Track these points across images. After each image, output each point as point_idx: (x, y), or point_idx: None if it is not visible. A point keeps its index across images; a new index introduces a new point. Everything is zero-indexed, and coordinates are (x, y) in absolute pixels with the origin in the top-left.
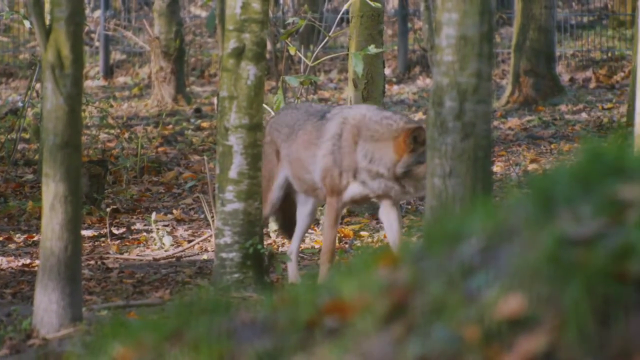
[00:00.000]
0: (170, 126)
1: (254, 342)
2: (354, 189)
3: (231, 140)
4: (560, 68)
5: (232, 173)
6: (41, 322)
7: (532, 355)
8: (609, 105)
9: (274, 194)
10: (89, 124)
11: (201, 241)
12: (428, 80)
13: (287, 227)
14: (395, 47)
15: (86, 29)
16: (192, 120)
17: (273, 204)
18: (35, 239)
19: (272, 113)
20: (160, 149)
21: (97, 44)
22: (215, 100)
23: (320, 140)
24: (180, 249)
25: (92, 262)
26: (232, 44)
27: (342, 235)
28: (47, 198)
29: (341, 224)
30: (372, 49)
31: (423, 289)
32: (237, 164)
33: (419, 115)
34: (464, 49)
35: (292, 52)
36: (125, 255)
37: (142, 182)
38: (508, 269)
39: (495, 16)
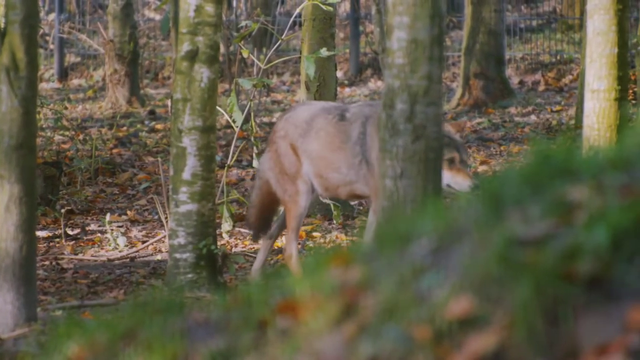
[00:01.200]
0: (125, 128)
1: (207, 342)
2: None
3: (185, 142)
4: (509, 71)
5: (186, 174)
6: None
7: (481, 355)
8: (558, 107)
9: (302, 187)
10: (43, 126)
11: (155, 242)
12: (379, 83)
13: (265, 221)
14: (347, 50)
15: (41, 31)
16: (146, 122)
17: (307, 197)
18: None
19: (226, 115)
20: (114, 151)
21: (51, 46)
22: (169, 102)
23: (347, 145)
24: (134, 249)
25: (47, 262)
26: (185, 47)
27: None
28: (2, 199)
29: None
30: (324, 52)
31: (374, 289)
32: (191, 166)
33: None
34: (415, 52)
35: (245, 54)
36: (80, 256)
37: (96, 183)
38: (458, 270)
39: (445, 20)
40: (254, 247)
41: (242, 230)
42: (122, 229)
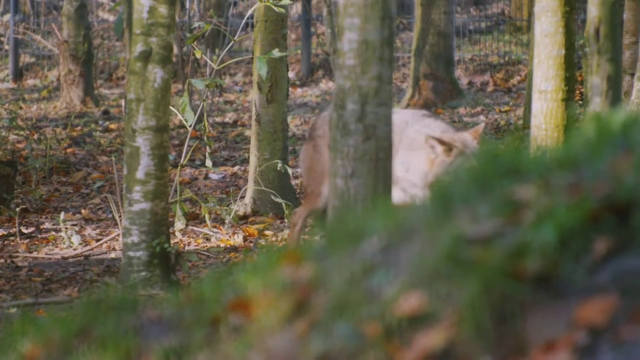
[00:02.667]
0: (79, 128)
1: (160, 339)
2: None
3: (138, 142)
4: (459, 72)
5: (140, 174)
6: None
7: (430, 351)
8: (506, 108)
9: (324, 191)
10: None
11: (109, 240)
12: (331, 84)
13: None
14: (299, 51)
15: None
16: (101, 122)
17: (325, 202)
18: None
19: (179, 115)
20: (69, 150)
21: (6, 47)
22: (123, 102)
23: None
24: (88, 247)
25: (2, 260)
26: (139, 48)
27: (247, 234)
28: None
29: (245, 223)
30: (276, 53)
31: (325, 286)
32: (145, 165)
33: None
34: (366, 53)
35: (198, 55)
36: (35, 254)
37: (51, 182)
38: (408, 267)
39: (395, 21)
40: (206, 246)
41: (195, 228)
42: (76, 227)
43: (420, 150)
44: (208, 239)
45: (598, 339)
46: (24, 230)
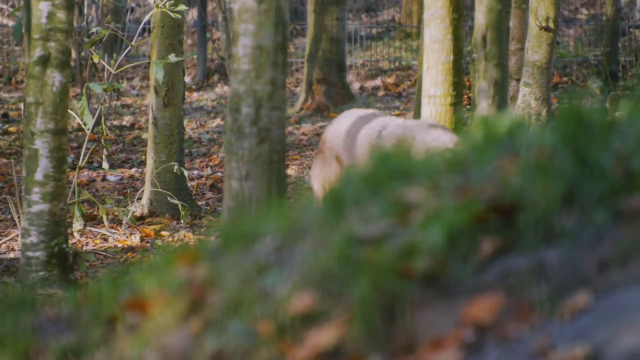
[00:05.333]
0: None
1: (58, 337)
2: None
3: (37, 144)
4: (350, 77)
5: (38, 175)
6: None
7: (322, 349)
8: (397, 112)
9: None
10: None
11: (8, 240)
12: (226, 88)
13: None
14: (195, 56)
15: None
16: (0, 125)
17: None
18: None
19: (77, 118)
20: None
21: None
22: (22, 105)
23: None
24: None
25: None
26: (38, 52)
27: (144, 234)
28: None
29: (142, 224)
30: (172, 58)
31: (220, 286)
32: (43, 167)
33: (217, 121)
34: (260, 58)
35: (95, 60)
36: None
37: None
38: (301, 267)
39: (289, 27)
40: (104, 246)
41: (93, 229)
42: None
43: None
44: (106, 240)
45: (484, 336)
46: None
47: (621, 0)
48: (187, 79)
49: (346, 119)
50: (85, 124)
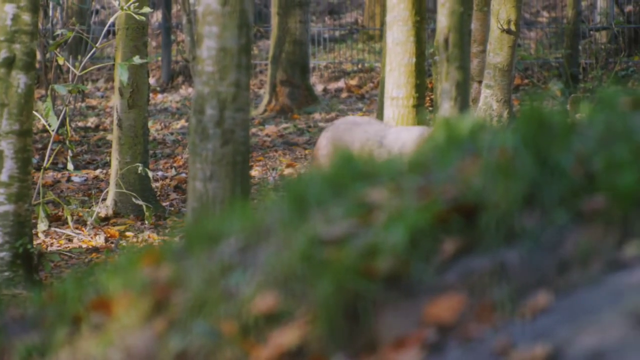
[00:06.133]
0: None
1: (23, 337)
2: None
3: (2, 146)
4: (314, 79)
5: (3, 176)
6: None
7: (285, 349)
8: (360, 114)
9: None
10: None
11: None
12: (190, 90)
13: None
14: (159, 58)
15: None
16: None
17: None
18: None
19: (42, 120)
20: None
21: None
22: None
23: None
24: None
25: None
26: (3, 54)
27: (109, 235)
28: None
29: (107, 225)
30: (137, 60)
31: (184, 286)
32: (8, 168)
33: (181, 123)
34: (224, 60)
35: (60, 62)
36: None
37: None
38: (264, 267)
39: (253, 29)
40: (68, 246)
41: (58, 230)
42: None
43: None
44: (70, 240)
45: (446, 336)
46: None
47: (582, 4)
48: (151, 80)
49: (341, 125)
50: (50, 126)
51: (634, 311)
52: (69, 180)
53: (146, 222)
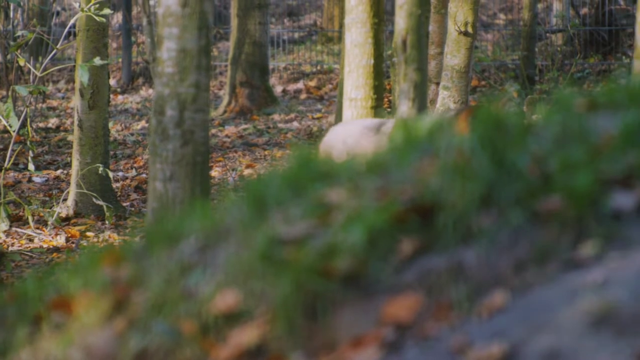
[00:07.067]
0: None
1: None
2: None
3: None
4: (273, 80)
5: None
6: None
7: (244, 348)
8: (319, 115)
9: None
10: None
11: None
12: (151, 91)
13: None
14: (120, 60)
15: None
16: None
17: None
18: None
19: (3, 120)
20: None
21: None
22: None
23: None
24: None
25: None
26: None
27: (69, 235)
28: None
29: (68, 225)
30: (97, 61)
31: (144, 285)
32: None
33: (142, 124)
34: (184, 61)
35: (21, 63)
36: None
37: None
38: (224, 267)
39: (213, 31)
40: (29, 246)
41: (19, 230)
42: None
43: None
44: (31, 240)
45: (404, 335)
46: None
47: (538, 6)
48: (112, 82)
49: (342, 127)
50: (11, 126)
51: (589, 310)
52: (30, 180)
53: (107, 222)
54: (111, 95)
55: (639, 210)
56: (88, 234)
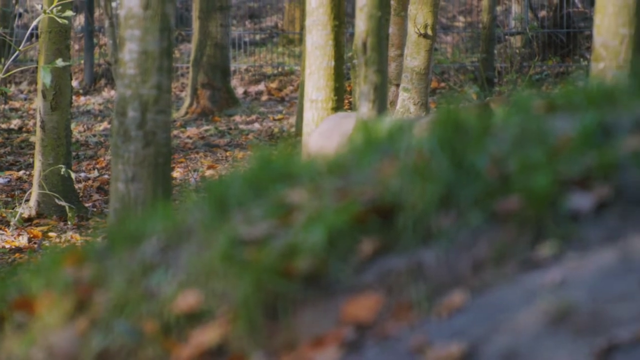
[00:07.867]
0: None
1: None
2: None
3: None
4: (235, 82)
5: None
6: None
7: (206, 347)
8: (280, 116)
9: None
10: None
11: None
12: (113, 92)
13: None
14: (82, 61)
15: None
16: None
17: None
18: None
19: None
20: None
21: None
22: None
23: None
24: None
25: None
26: None
27: (32, 236)
28: None
29: (30, 225)
30: (60, 63)
31: (106, 286)
32: None
33: (104, 125)
34: (146, 63)
35: None
36: None
37: None
38: (186, 267)
39: (174, 33)
40: None
41: None
42: None
43: None
44: None
45: (364, 334)
46: None
47: (497, 9)
48: (74, 83)
49: (326, 124)
50: None
51: (547, 310)
52: None
53: (69, 222)
54: (73, 97)
55: (596, 211)
56: (50, 234)
